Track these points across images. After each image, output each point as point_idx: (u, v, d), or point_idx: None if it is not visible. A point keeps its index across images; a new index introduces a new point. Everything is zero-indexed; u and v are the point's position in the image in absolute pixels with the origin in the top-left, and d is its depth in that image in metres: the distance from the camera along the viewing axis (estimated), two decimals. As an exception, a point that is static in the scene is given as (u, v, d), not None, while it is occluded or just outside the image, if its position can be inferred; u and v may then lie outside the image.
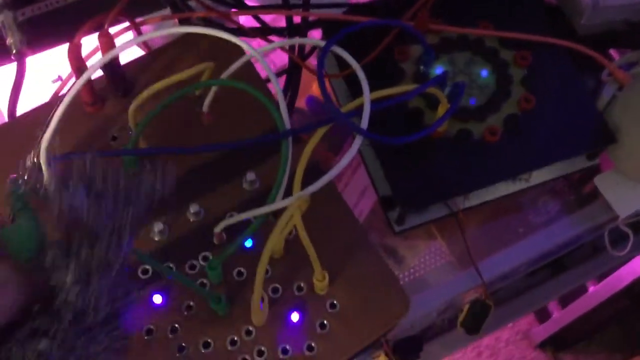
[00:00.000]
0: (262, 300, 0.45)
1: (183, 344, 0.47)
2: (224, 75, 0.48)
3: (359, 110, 0.45)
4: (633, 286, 1.13)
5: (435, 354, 0.72)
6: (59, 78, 0.59)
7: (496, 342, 1.55)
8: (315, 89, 0.70)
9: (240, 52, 0.50)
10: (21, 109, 0.53)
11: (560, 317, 1.37)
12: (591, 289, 1.21)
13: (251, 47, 0.45)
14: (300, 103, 0.71)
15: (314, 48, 0.58)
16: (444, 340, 0.69)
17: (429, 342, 0.71)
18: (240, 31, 0.54)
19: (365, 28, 0.55)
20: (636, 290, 1.21)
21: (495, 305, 0.75)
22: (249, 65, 0.52)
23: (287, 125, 0.45)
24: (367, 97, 0.44)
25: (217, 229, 0.46)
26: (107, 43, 0.44)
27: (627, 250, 0.67)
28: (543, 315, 1.46)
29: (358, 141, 0.43)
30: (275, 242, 0.41)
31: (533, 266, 0.64)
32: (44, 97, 0.54)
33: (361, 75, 0.44)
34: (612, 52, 0.70)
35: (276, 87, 0.44)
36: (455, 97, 0.49)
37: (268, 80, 0.63)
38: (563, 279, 0.75)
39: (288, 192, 0.46)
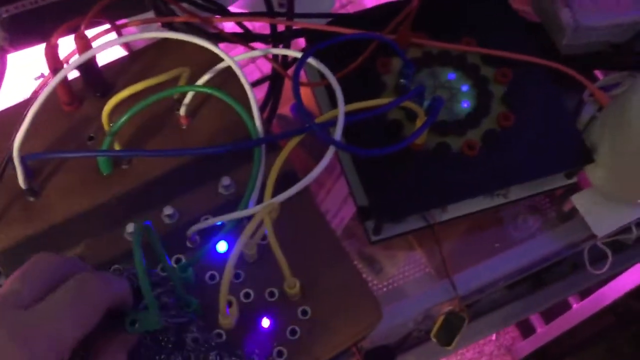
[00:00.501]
0: (231, 304, 0.45)
1: (153, 346, 0.47)
2: (200, 81, 0.48)
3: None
4: (617, 304, 1.14)
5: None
6: (42, 75, 0.60)
7: (479, 356, 1.55)
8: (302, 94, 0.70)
9: (219, 58, 0.50)
10: (5, 104, 0.53)
11: (544, 332, 1.37)
12: (575, 305, 1.22)
13: (227, 55, 0.45)
14: (287, 110, 0.71)
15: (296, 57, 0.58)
16: (421, 351, 0.69)
17: (405, 353, 0.71)
18: (222, 37, 0.54)
19: (350, 40, 0.55)
20: (620, 309, 1.21)
21: (474, 317, 0.76)
22: (228, 72, 0.52)
23: (261, 133, 0.45)
24: (341, 108, 0.44)
25: (189, 232, 0.47)
26: (84, 44, 0.44)
27: (606, 268, 0.67)
28: (527, 330, 1.46)
29: (330, 152, 0.43)
30: (241, 248, 0.41)
31: (510, 280, 0.64)
32: (28, 94, 0.54)
33: (336, 87, 0.45)
34: (598, 72, 0.71)
35: (249, 94, 0.44)
36: (432, 110, 0.49)
37: (254, 84, 0.64)
38: (542, 295, 0.75)
39: (263, 199, 0.47)
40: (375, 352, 0.55)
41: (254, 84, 0.63)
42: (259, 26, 0.72)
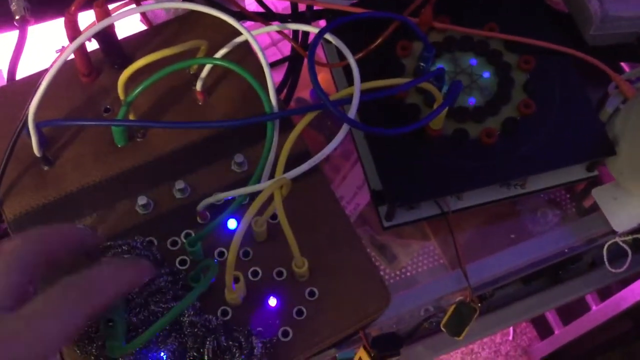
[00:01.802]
0: (238, 280, 0.45)
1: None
2: (218, 54, 0.48)
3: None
4: (635, 308, 1.11)
5: (421, 356, 0.71)
6: (63, 48, 0.60)
7: (495, 356, 1.54)
8: (321, 80, 0.70)
9: (238, 34, 0.50)
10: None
11: (562, 334, 1.35)
12: (594, 307, 1.20)
13: (245, 28, 0.45)
14: (307, 94, 0.71)
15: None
16: (430, 343, 0.69)
17: (415, 343, 0.70)
18: (242, 15, 0.54)
19: (372, 20, 0.55)
20: (639, 314, 1.19)
21: (488, 311, 0.75)
22: (247, 49, 0.52)
23: (275, 108, 0.45)
24: (357, 86, 0.43)
25: (200, 207, 0.46)
26: (102, 13, 0.44)
27: (625, 267, 0.66)
28: (544, 332, 1.44)
29: (344, 129, 0.42)
30: (248, 222, 0.41)
31: (524, 273, 0.63)
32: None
33: (353, 65, 0.44)
34: (625, 65, 0.69)
35: (266, 69, 0.44)
36: (450, 94, 0.48)
37: (273, 64, 0.63)
38: (558, 291, 0.74)
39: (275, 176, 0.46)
40: (383, 338, 0.54)
41: (274, 64, 0.63)
42: (282, 8, 0.71)
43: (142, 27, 0.61)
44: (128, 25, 0.57)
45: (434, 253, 0.64)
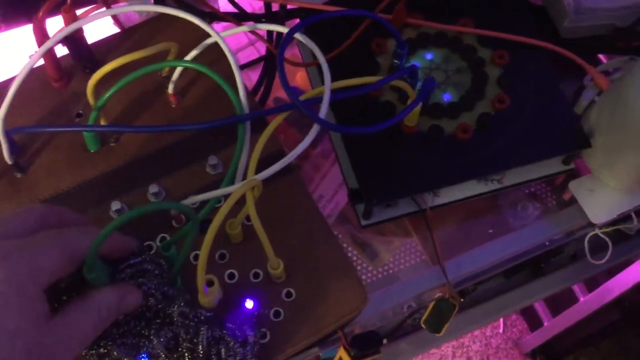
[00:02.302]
0: (212, 284, 0.44)
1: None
2: (188, 57, 0.47)
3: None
4: (622, 298, 1.12)
5: (405, 352, 0.71)
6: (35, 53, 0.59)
7: (486, 349, 1.54)
8: (298, 80, 0.70)
9: (210, 36, 0.50)
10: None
11: (551, 326, 1.35)
12: (582, 298, 1.20)
13: (213, 30, 0.45)
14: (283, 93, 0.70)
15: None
16: (413, 339, 0.69)
17: (398, 340, 0.70)
18: (215, 16, 0.54)
19: (345, 18, 0.55)
20: (626, 304, 1.19)
21: (471, 305, 0.75)
22: (221, 51, 0.52)
23: (246, 109, 0.45)
24: (328, 86, 0.43)
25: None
26: (70, 17, 0.44)
27: (606, 259, 0.66)
28: (534, 324, 1.45)
29: (315, 129, 0.42)
30: (217, 225, 0.40)
31: (504, 267, 0.63)
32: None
33: (324, 64, 0.44)
34: (603, 57, 0.69)
35: (235, 70, 0.43)
36: (422, 90, 0.48)
37: (248, 64, 0.63)
38: (540, 284, 0.74)
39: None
40: (362, 337, 0.54)
41: (248, 65, 0.63)
42: (259, 8, 0.71)
43: (115, 29, 0.61)
44: (101, 29, 0.57)
45: (415, 249, 0.64)
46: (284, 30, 0.46)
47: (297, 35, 0.45)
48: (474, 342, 1.55)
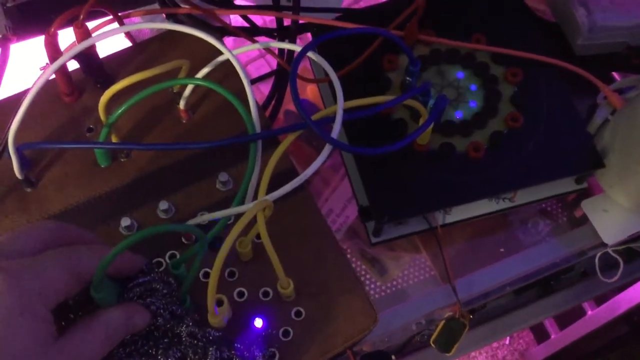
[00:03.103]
0: (222, 303, 0.44)
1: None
2: (200, 74, 0.47)
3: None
4: (631, 313, 1.11)
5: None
6: (47, 66, 0.59)
7: (492, 360, 1.53)
8: (308, 93, 0.70)
9: (221, 52, 0.49)
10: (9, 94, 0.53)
11: (558, 339, 1.34)
12: (590, 312, 1.19)
13: (225, 47, 0.44)
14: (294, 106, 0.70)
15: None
16: (422, 356, 0.68)
17: (407, 357, 0.70)
18: (226, 31, 0.53)
19: (358, 35, 0.54)
20: (634, 318, 1.18)
21: (480, 323, 0.74)
22: (232, 66, 0.52)
23: (258, 128, 0.45)
24: (340, 104, 0.43)
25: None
26: (82, 33, 0.44)
27: (617, 277, 0.65)
28: (541, 336, 1.44)
29: (327, 149, 0.42)
30: (230, 245, 0.40)
31: (515, 286, 0.63)
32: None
33: (335, 82, 0.44)
34: (617, 74, 0.68)
35: (247, 88, 0.43)
36: (435, 109, 0.48)
37: (259, 79, 0.63)
38: (550, 302, 0.73)
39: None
40: (371, 356, 0.54)
41: (259, 79, 0.63)
42: (270, 21, 0.71)
43: (126, 42, 0.61)
44: (112, 42, 0.56)
45: (425, 265, 0.64)
46: (296, 48, 0.46)
47: (310, 54, 0.45)
48: (480, 353, 1.54)
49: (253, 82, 0.63)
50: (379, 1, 0.75)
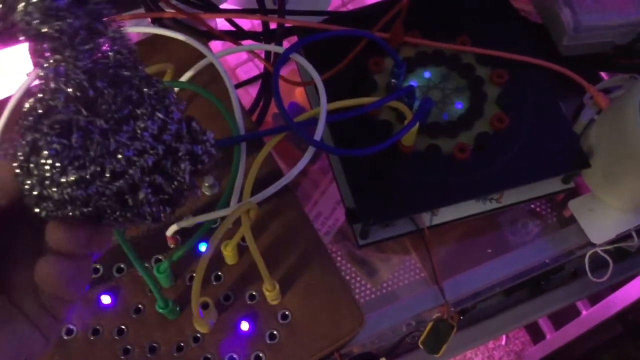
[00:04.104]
0: (207, 306, 0.44)
1: (128, 347, 0.46)
2: (183, 77, 0.47)
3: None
4: (625, 313, 1.11)
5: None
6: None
7: (488, 361, 1.53)
8: (297, 94, 0.70)
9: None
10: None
11: (554, 339, 1.34)
12: (584, 312, 1.19)
13: (208, 50, 0.44)
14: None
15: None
16: (413, 358, 0.68)
17: (397, 359, 0.70)
18: (211, 35, 0.53)
19: (346, 37, 0.54)
20: (629, 318, 1.18)
21: (470, 324, 0.74)
22: (216, 71, 0.52)
23: (241, 130, 0.45)
24: (323, 107, 0.43)
25: (168, 232, 0.46)
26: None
27: (607, 277, 0.66)
28: (537, 336, 1.44)
29: (310, 152, 0.42)
30: (213, 248, 0.40)
31: (504, 286, 0.62)
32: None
33: (319, 84, 0.44)
34: (605, 74, 0.69)
35: (230, 91, 0.43)
36: (418, 111, 0.48)
37: (246, 82, 0.63)
38: (541, 302, 0.73)
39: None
40: (359, 358, 0.54)
41: (247, 82, 0.63)
42: (258, 25, 0.71)
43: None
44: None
45: (415, 267, 0.64)
46: (280, 50, 0.46)
47: (294, 56, 0.45)
48: (476, 354, 1.54)
49: (241, 85, 0.63)
50: (367, 3, 0.75)
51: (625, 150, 0.52)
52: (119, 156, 0.26)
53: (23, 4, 0.27)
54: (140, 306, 0.47)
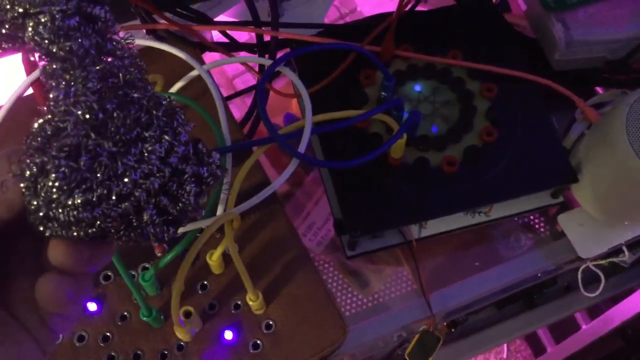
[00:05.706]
0: (190, 315, 0.45)
1: (113, 354, 0.47)
2: (173, 89, 0.48)
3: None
4: (624, 327, 1.11)
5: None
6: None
7: (489, 373, 1.52)
8: (294, 107, 0.70)
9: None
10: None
11: (554, 353, 1.34)
12: (584, 326, 1.19)
13: (196, 62, 0.45)
14: (280, 120, 0.71)
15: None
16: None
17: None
18: (205, 46, 0.54)
19: (339, 50, 0.55)
20: (629, 332, 1.18)
21: (461, 337, 0.74)
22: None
23: (228, 141, 0.45)
24: (308, 119, 0.44)
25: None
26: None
27: (599, 291, 0.65)
28: (539, 350, 1.43)
29: (294, 163, 0.43)
30: (191, 259, 0.41)
31: (496, 298, 0.63)
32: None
33: (305, 96, 0.44)
34: (600, 89, 0.69)
35: (217, 101, 0.44)
36: (405, 123, 0.48)
37: (238, 94, 0.64)
38: (532, 316, 0.73)
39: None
40: (345, 368, 0.54)
41: (240, 93, 0.63)
42: (251, 36, 0.72)
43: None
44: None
45: (407, 278, 0.64)
46: (266, 63, 0.46)
47: (282, 69, 0.46)
48: (477, 366, 1.53)
49: (236, 95, 0.63)
50: (364, 16, 0.76)
51: (613, 165, 0.52)
52: (126, 179, 0.27)
53: (33, 23, 0.27)
54: (126, 314, 0.48)
